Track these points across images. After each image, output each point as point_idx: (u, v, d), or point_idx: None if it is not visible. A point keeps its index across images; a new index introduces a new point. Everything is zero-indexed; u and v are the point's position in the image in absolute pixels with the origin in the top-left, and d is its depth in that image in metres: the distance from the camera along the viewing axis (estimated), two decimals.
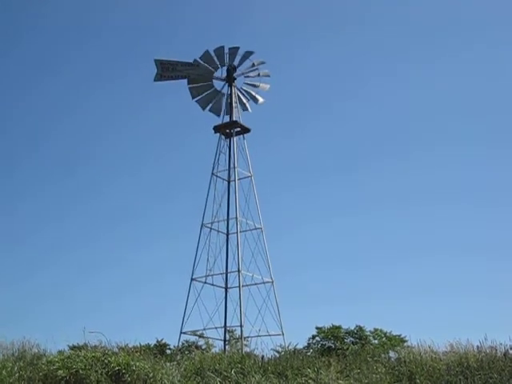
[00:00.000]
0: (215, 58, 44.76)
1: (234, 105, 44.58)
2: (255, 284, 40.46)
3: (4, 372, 19.39)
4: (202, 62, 44.54)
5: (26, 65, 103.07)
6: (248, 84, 45.90)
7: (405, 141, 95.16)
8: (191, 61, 44.45)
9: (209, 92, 45.52)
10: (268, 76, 45.79)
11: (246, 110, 45.91)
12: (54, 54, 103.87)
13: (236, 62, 45.03)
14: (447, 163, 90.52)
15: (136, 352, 21.96)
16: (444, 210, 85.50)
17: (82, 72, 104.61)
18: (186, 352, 40.55)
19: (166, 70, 43.86)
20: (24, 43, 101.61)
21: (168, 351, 47.65)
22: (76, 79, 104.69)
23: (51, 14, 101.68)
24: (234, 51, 44.90)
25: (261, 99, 45.75)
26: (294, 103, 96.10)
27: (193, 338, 45.23)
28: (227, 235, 42.45)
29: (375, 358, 23.25)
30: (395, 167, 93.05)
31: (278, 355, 27.74)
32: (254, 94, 45.69)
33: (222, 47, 45.00)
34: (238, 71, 45.34)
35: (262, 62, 45.61)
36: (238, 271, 39.94)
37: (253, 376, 20.25)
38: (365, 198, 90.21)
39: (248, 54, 44.94)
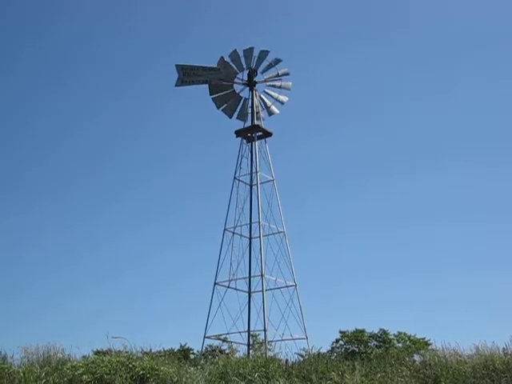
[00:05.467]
0: (231, 63, 44.68)
1: (255, 109, 44.61)
2: (278, 288, 40.40)
3: (31, 377, 19.50)
4: (227, 60, 44.29)
5: (38, 71, 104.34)
6: (267, 93, 45.93)
7: (431, 153, 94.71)
8: (212, 63, 44.51)
9: (231, 97, 45.56)
10: (288, 74, 45.79)
11: (272, 113, 45.95)
12: (73, 59, 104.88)
13: (261, 67, 44.94)
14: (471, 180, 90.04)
15: (160, 356, 22.02)
16: (464, 223, 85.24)
17: (103, 77, 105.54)
18: (210, 356, 40.55)
19: (188, 75, 43.91)
20: (41, 48, 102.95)
21: (192, 356, 47.69)
22: (97, 85, 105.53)
23: (71, 18, 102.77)
24: (262, 55, 44.54)
25: (284, 98, 45.85)
26: (316, 108, 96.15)
27: (216, 343, 45.19)
28: (250, 239, 42.39)
29: (400, 362, 23.14)
30: (423, 177, 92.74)
31: (301, 359, 27.69)
32: (276, 94, 45.77)
33: (252, 49, 44.63)
34: (261, 77, 45.35)
35: (287, 73, 45.65)
36: (262, 275, 39.87)
37: (277, 380, 20.24)
38: (389, 206, 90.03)
39: (276, 62, 44.76)
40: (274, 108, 45.88)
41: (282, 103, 46.07)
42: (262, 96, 45.74)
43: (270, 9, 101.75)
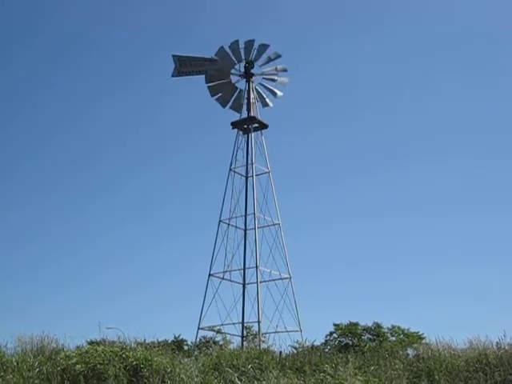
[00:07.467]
0: (231, 54, 44.64)
1: (252, 100, 44.51)
2: (273, 280, 40.47)
3: (24, 366, 19.47)
4: (227, 50, 44.64)
5: (38, 62, 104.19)
6: (266, 79, 45.85)
7: (429, 147, 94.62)
8: (209, 56, 44.45)
9: (227, 87, 45.51)
10: (285, 70, 45.73)
11: (266, 105, 45.87)
12: (71, 54, 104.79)
13: (260, 60, 45.07)
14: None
15: (154, 347, 22.00)
16: (460, 217, 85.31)
17: (100, 71, 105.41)
18: (204, 348, 40.58)
19: (184, 66, 43.86)
20: (38, 40, 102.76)
21: (185, 347, 47.73)
22: (94, 79, 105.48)
23: (68, 14, 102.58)
24: (262, 49, 44.70)
25: (279, 93, 45.71)
26: (312, 101, 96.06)
27: (210, 334, 45.26)
28: (245, 231, 42.41)
29: (393, 355, 23.15)
30: (421, 171, 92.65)
31: (295, 351, 27.72)
32: (272, 88, 45.67)
33: (253, 41, 44.77)
34: (258, 70, 45.35)
35: (285, 69, 45.64)
36: (256, 267, 39.91)
37: (270, 371, 20.19)
38: (385, 199, 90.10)
39: (275, 56, 44.83)
40: (268, 101, 45.86)
41: (276, 97, 46.01)
42: (257, 88, 45.67)
43: (268, 3, 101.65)
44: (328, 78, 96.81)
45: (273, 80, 45.64)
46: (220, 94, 45.44)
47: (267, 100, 45.81)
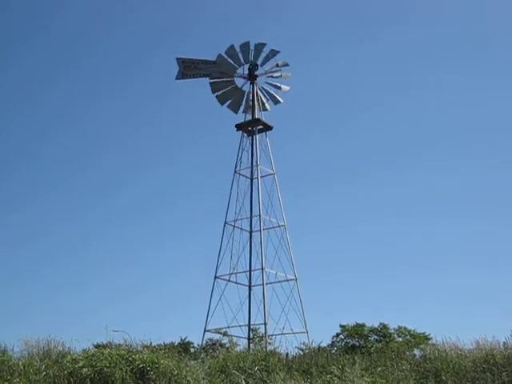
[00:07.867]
0: (230, 60, 44.59)
1: (257, 102, 44.47)
2: (279, 282, 40.37)
3: (31, 370, 19.51)
4: (225, 57, 44.41)
5: (38, 62, 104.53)
6: (269, 84, 45.80)
7: (432, 147, 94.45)
8: (213, 58, 44.44)
9: (230, 90, 45.44)
10: (287, 65, 45.44)
11: (277, 102, 45.78)
12: (71, 50, 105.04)
13: (259, 60, 44.74)
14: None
15: (160, 350, 21.99)
16: (465, 217, 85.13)
17: (101, 72, 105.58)
18: (210, 350, 40.54)
19: (188, 69, 43.91)
20: (38, 40, 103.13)
21: (192, 349, 47.69)
22: (95, 80, 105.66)
23: (69, 11, 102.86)
24: (259, 48, 44.44)
25: (286, 87, 45.66)
26: (317, 102, 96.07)
27: (217, 336, 45.17)
28: (250, 233, 42.34)
29: (400, 356, 23.10)
30: (425, 171, 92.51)
31: (302, 353, 27.68)
32: (274, 93, 45.62)
33: (248, 43, 44.55)
34: (261, 69, 45.16)
35: (286, 64, 45.34)
36: (262, 269, 39.85)
37: (277, 373, 20.20)
38: (390, 200, 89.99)
39: (273, 53, 44.56)
40: (278, 98, 45.76)
41: (284, 92, 45.97)
42: (264, 87, 45.65)
43: (268, 3, 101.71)
44: (328, 78, 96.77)
45: (277, 76, 45.54)
46: (230, 101, 45.36)
47: (277, 97, 45.77)
